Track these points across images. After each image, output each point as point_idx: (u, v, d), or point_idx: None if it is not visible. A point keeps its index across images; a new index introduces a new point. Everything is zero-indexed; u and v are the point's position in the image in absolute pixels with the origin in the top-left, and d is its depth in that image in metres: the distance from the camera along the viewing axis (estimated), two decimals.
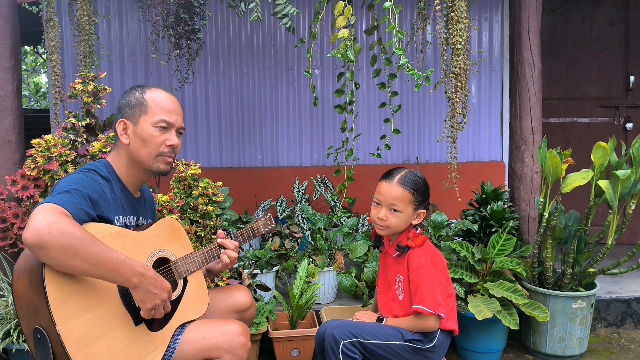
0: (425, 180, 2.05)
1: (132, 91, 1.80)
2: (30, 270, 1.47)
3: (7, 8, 2.67)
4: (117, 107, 1.81)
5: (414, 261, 1.97)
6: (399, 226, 2.00)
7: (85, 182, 1.61)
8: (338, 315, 2.81)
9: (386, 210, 1.99)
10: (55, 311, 1.42)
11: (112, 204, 1.68)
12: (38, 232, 1.36)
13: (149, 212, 1.95)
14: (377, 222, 2.02)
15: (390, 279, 2.09)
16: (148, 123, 1.75)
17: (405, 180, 1.98)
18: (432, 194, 2.09)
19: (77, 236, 1.41)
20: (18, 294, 1.50)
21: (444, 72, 2.85)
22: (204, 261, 1.89)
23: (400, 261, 2.02)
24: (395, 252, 2.03)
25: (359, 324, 1.96)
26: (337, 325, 1.93)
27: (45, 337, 1.44)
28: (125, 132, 1.76)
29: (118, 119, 1.78)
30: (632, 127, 4.19)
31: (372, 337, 1.91)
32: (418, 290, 1.94)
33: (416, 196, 1.98)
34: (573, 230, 2.76)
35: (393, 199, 1.97)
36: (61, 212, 1.43)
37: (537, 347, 2.77)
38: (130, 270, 1.51)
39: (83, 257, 1.42)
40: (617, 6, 4.19)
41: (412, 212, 1.99)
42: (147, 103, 1.76)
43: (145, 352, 1.62)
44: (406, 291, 2.00)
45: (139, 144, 1.75)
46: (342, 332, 1.89)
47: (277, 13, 2.64)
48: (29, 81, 12.52)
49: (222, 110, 4.15)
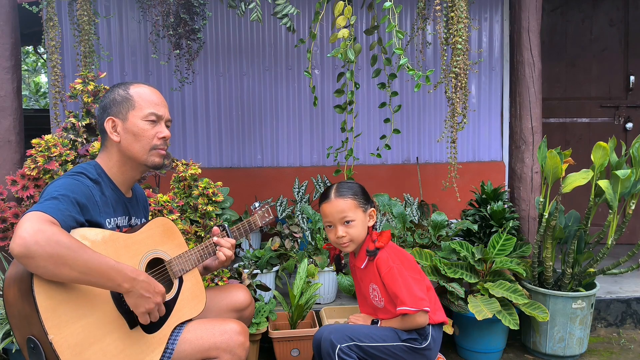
0: (356, 183, 2.08)
1: (114, 89, 1.78)
2: (19, 279, 1.45)
3: (7, 8, 2.67)
4: (100, 106, 1.78)
5: (383, 266, 1.97)
6: (360, 234, 2.01)
7: (73, 186, 1.59)
8: (338, 315, 2.81)
9: (341, 227, 1.99)
10: (46, 320, 1.40)
11: (102, 206, 1.66)
12: (24, 241, 1.34)
13: (142, 211, 1.93)
14: (339, 241, 2.01)
15: (365, 291, 2.08)
16: (137, 117, 1.74)
17: (340, 191, 2.00)
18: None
19: (65, 244, 1.39)
20: (9, 303, 1.48)
21: (444, 72, 2.85)
22: (199, 259, 1.87)
23: (370, 270, 2.02)
24: (365, 259, 2.02)
25: (355, 327, 1.96)
26: (334, 329, 1.92)
27: (38, 347, 1.42)
28: (114, 130, 1.74)
29: (105, 118, 1.75)
30: (632, 127, 4.19)
31: (370, 339, 1.90)
32: (396, 292, 1.93)
33: (358, 199, 2.00)
34: (573, 230, 2.76)
35: (341, 213, 1.98)
36: (48, 221, 1.41)
37: (537, 347, 2.77)
38: (121, 275, 1.49)
39: (72, 265, 1.40)
40: (617, 6, 4.19)
41: (363, 215, 2.01)
42: (133, 98, 1.75)
43: (142, 354, 1.61)
44: (385, 297, 1.99)
45: (131, 139, 1.74)
46: (340, 336, 1.87)
47: (277, 13, 2.64)
48: (29, 81, 12.53)
49: (222, 110, 4.15)
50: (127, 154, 1.75)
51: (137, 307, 1.56)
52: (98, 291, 1.53)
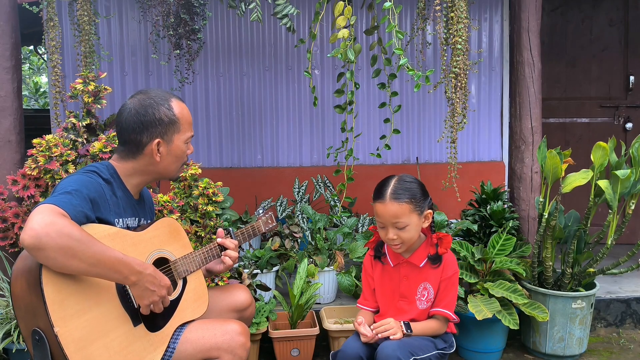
0: (416, 180, 1.97)
1: (158, 107, 1.73)
2: (27, 271, 1.47)
3: (8, 8, 2.67)
4: (139, 121, 1.71)
5: (449, 268, 1.96)
6: (412, 237, 1.94)
7: (86, 182, 1.61)
8: (338, 315, 2.81)
9: (392, 230, 1.90)
10: (53, 313, 1.42)
11: (113, 206, 1.68)
12: (35, 233, 1.37)
13: (149, 212, 1.95)
14: (390, 242, 1.95)
15: (407, 289, 2.01)
16: (181, 140, 1.77)
17: (397, 193, 1.88)
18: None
19: (75, 236, 1.41)
20: (16, 296, 1.50)
21: (443, 72, 2.85)
22: (203, 261, 1.89)
23: (429, 269, 1.98)
24: (425, 258, 1.98)
25: (410, 341, 1.89)
26: (398, 346, 1.83)
27: (43, 339, 1.44)
28: (158, 151, 1.74)
29: (150, 138, 1.71)
30: (631, 127, 4.19)
31: (422, 351, 1.88)
32: (447, 296, 1.95)
33: (415, 202, 1.90)
34: (573, 230, 2.76)
35: (394, 218, 1.88)
36: (59, 213, 1.43)
37: (537, 347, 2.77)
38: (128, 268, 1.52)
39: (81, 257, 1.42)
40: (617, 6, 4.19)
41: (417, 219, 1.91)
42: (179, 121, 1.75)
43: (145, 352, 1.62)
44: (432, 298, 1.98)
45: (172, 160, 1.77)
46: (404, 353, 1.81)
47: (277, 13, 2.65)
48: (29, 81, 12.52)
49: (222, 110, 4.15)
50: (159, 170, 1.78)
51: (141, 298, 1.59)
52: (104, 286, 1.55)
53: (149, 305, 1.61)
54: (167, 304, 1.66)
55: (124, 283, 1.55)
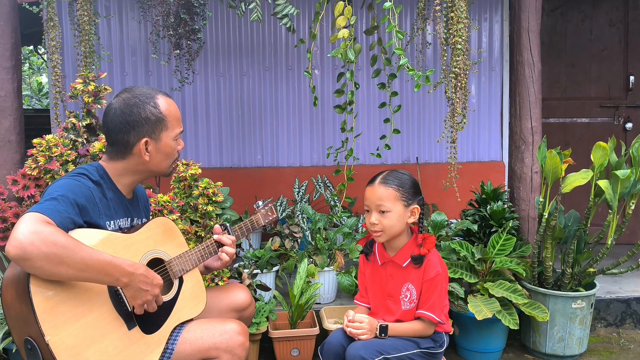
0: (410, 175, 1.99)
1: (143, 106, 1.70)
2: (16, 281, 1.45)
3: (8, 8, 2.67)
4: (125, 121, 1.68)
5: (431, 269, 1.95)
6: (393, 227, 1.94)
7: (73, 187, 1.58)
8: (338, 315, 2.81)
9: (376, 214, 1.94)
10: (43, 322, 1.40)
11: (103, 208, 1.66)
12: (20, 243, 1.35)
13: (143, 210, 1.93)
14: (371, 228, 1.96)
15: (392, 289, 2.02)
16: (170, 138, 1.75)
17: (387, 178, 1.95)
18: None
19: (61, 243, 1.39)
20: (7, 305, 1.48)
21: (443, 72, 2.85)
22: (199, 259, 1.87)
23: (412, 270, 1.98)
24: (408, 258, 1.98)
25: (380, 342, 1.91)
26: (363, 345, 1.87)
27: (35, 348, 1.42)
28: (146, 150, 1.72)
29: (137, 137, 1.69)
30: (631, 127, 4.19)
31: (395, 350, 1.89)
32: (430, 297, 1.93)
33: (402, 192, 1.93)
34: (573, 230, 2.76)
35: (378, 200, 1.92)
36: (44, 221, 1.41)
37: (537, 347, 2.77)
38: (118, 270, 1.50)
39: (69, 263, 1.40)
40: (617, 6, 4.19)
41: (402, 209, 1.93)
42: (167, 119, 1.73)
43: (141, 355, 1.61)
44: (417, 299, 1.97)
45: (161, 158, 1.75)
46: (370, 352, 1.84)
47: (277, 13, 2.65)
48: (29, 81, 12.53)
49: (222, 110, 4.15)
50: (150, 169, 1.76)
51: (134, 299, 1.58)
52: (96, 291, 1.54)
53: (143, 305, 1.59)
54: (160, 303, 1.65)
55: (116, 285, 1.54)
